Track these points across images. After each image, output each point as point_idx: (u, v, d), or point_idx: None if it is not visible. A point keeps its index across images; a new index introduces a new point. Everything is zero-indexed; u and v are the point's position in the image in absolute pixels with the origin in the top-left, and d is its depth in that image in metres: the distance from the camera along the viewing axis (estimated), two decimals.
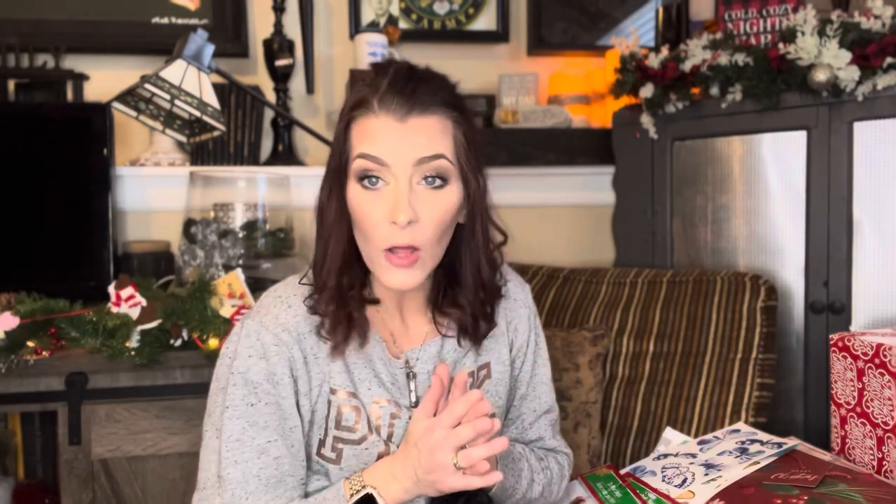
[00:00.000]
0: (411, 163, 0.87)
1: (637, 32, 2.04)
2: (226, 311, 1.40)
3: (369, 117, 0.88)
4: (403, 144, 0.87)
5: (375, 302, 0.99)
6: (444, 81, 0.93)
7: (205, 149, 1.94)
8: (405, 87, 0.87)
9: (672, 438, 1.25)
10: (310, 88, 2.02)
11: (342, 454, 0.95)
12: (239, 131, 1.97)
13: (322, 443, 0.95)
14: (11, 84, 1.86)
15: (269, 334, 0.93)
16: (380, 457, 0.95)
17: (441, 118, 0.89)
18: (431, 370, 1.01)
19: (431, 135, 0.88)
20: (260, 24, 2.02)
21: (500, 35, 2.12)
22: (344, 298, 0.94)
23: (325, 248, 0.94)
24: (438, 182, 0.89)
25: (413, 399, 0.99)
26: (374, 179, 0.88)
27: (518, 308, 1.10)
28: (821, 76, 1.47)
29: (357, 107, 0.90)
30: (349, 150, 0.90)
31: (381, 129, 0.87)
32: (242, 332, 0.94)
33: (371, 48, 1.90)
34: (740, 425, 1.24)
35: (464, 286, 0.99)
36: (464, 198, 0.93)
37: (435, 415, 0.89)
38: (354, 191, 0.90)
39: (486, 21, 2.12)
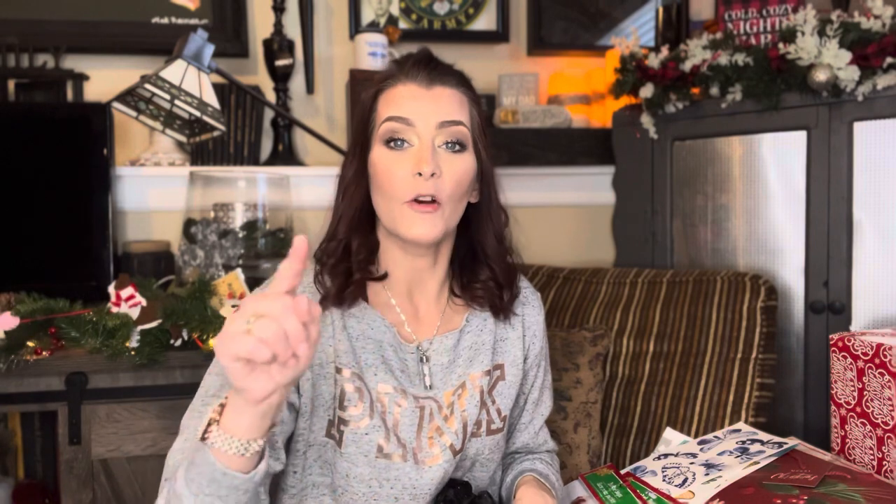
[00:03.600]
0: (434, 124, 0.94)
1: (637, 32, 2.04)
2: (226, 311, 1.40)
3: (397, 86, 0.97)
4: (428, 107, 0.94)
5: (382, 278, 1.01)
6: (458, 69, 1.02)
7: (205, 149, 1.94)
8: (429, 62, 0.97)
9: (672, 438, 1.25)
10: (310, 88, 2.02)
11: (343, 437, 0.95)
12: (239, 131, 1.97)
13: (332, 423, 0.96)
14: (11, 84, 1.86)
15: None
16: (380, 448, 0.94)
17: (459, 93, 0.98)
18: (445, 363, 1.01)
19: (453, 103, 0.96)
20: (260, 24, 2.02)
21: (500, 35, 2.12)
22: (347, 253, 0.98)
23: (340, 204, 1.00)
24: (458, 147, 0.96)
25: (427, 383, 1.00)
26: (399, 142, 0.95)
27: (535, 315, 1.12)
28: (821, 76, 1.47)
29: (385, 79, 0.98)
30: (375, 118, 0.97)
31: (408, 94, 0.95)
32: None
33: (371, 48, 1.90)
34: (741, 425, 1.24)
35: (489, 256, 1.04)
36: (478, 172, 0.99)
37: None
38: (380, 153, 0.96)
39: (486, 21, 2.12)
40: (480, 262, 1.04)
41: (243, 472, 0.72)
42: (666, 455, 1.15)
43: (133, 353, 1.35)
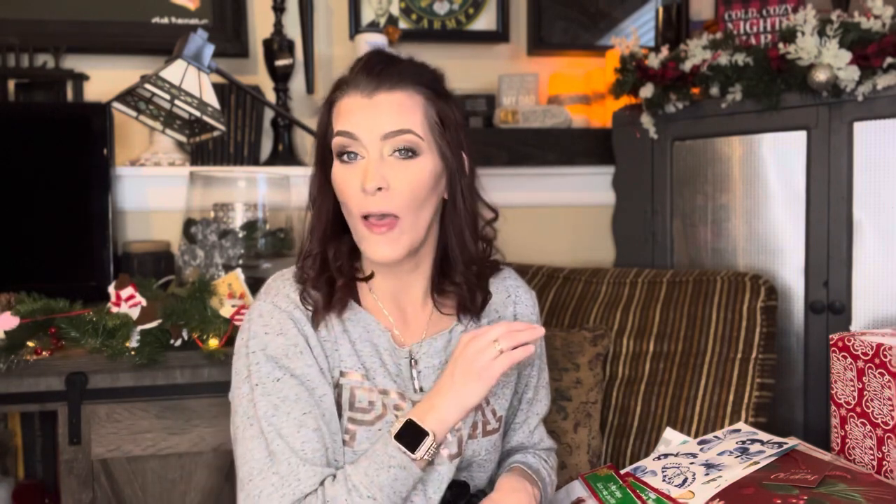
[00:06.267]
0: (378, 136, 0.92)
1: (637, 32, 2.04)
2: (226, 311, 1.40)
3: (343, 98, 0.95)
4: (371, 119, 0.92)
5: (369, 278, 1.00)
6: (422, 66, 0.98)
7: (205, 149, 1.94)
8: (374, 67, 0.94)
9: (672, 438, 1.25)
10: (310, 88, 2.02)
11: (355, 436, 0.95)
12: (239, 131, 1.97)
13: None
14: (11, 84, 1.86)
15: (282, 312, 0.95)
16: None
17: (409, 94, 0.94)
18: (437, 364, 1.01)
19: (398, 110, 0.92)
20: (260, 24, 2.02)
21: (500, 35, 2.12)
22: (326, 264, 0.98)
23: (311, 220, 1.01)
24: (409, 154, 0.93)
25: (417, 386, 0.99)
26: (351, 154, 0.94)
27: (528, 314, 1.12)
28: (821, 76, 1.47)
29: (335, 90, 0.97)
30: (330, 132, 0.97)
31: (352, 106, 0.94)
32: (255, 314, 0.96)
33: (371, 48, 1.89)
34: (741, 425, 1.24)
35: (454, 261, 1.01)
36: (442, 172, 0.96)
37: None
38: (336, 168, 0.96)
39: (486, 21, 2.12)
40: (451, 263, 1.02)
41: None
42: (666, 455, 1.15)
43: (133, 353, 1.35)
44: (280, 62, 1.93)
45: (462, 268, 1.01)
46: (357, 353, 0.97)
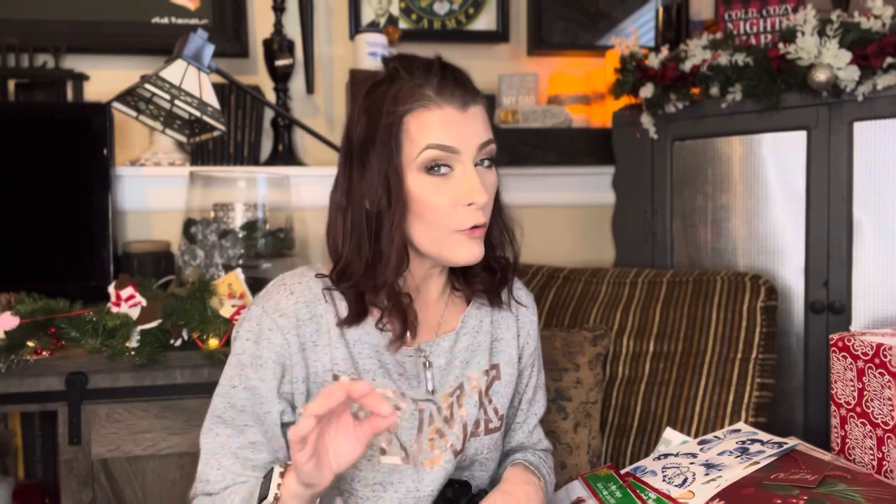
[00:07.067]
0: (475, 147, 0.92)
1: (637, 32, 2.04)
2: (226, 311, 1.40)
3: (430, 109, 0.90)
4: (469, 131, 0.92)
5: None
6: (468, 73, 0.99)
7: (205, 149, 1.94)
8: (456, 78, 0.93)
9: (672, 438, 1.25)
10: (310, 88, 2.02)
11: None
12: (239, 131, 1.97)
13: None
14: (11, 84, 1.86)
15: (267, 319, 0.95)
16: (382, 451, 0.95)
17: (482, 106, 0.96)
18: (442, 365, 1.02)
19: (484, 121, 0.95)
20: (260, 24, 2.02)
21: (500, 35, 2.12)
22: (399, 295, 0.97)
23: (382, 241, 0.93)
24: (488, 163, 0.96)
25: (430, 388, 1.00)
26: (443, 167, 0.91)
27: (529, 315, 1.13)
28: (821, 76, 1.47)
29: (411, 101, 0.90)
30: (406, 143, 0.90)
31: (447, 119, 0.90)
32: (246, 317, 0.98)
33: (371, 48, 1.90)
34: (741, 425, 1.24)
35: (496, 247, 1.03)
36: None
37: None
38: (421, 181, 0.91)
39: (486, 21, 2.12)
40: (492, 248, 1.04)
41: None
42: (666, 455, 1.15)
43: (133, 353, 1.35)
44: (280, 62, 1.93)
45: (501, 251, 1.04)
46: (351, 357, 0.97)
